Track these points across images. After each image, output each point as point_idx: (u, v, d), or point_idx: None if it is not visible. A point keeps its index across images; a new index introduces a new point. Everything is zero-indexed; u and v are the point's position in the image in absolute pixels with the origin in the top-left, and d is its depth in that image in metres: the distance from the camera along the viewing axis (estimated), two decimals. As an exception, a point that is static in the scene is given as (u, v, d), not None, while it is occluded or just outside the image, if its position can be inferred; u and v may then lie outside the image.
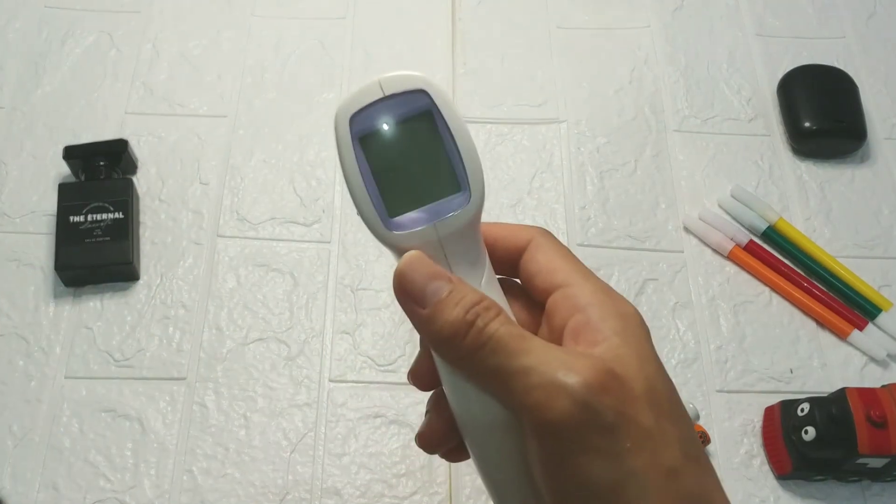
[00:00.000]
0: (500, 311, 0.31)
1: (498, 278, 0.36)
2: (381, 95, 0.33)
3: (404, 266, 0.32)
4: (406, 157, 0.33)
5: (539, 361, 0.30)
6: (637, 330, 0.32)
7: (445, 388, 0.35)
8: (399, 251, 0.33)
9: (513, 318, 0.34)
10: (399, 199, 0.33)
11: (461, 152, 0.33)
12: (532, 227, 0.36)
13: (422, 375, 0.36)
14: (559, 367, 0.29)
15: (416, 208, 0.33)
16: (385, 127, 0.33)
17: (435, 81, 0.33)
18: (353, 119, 0.33)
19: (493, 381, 0.31)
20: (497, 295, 0.34)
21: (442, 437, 0.36)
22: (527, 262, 0.35)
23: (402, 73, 0.33)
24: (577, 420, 0.29)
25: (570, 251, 0.35)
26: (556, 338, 0.33)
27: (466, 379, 0.33)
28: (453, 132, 0.33)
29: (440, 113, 0.33)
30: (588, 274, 0.34)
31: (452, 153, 0.33)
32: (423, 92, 0.33)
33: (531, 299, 0.35)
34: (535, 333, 0.34)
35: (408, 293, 0.32)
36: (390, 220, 0.33)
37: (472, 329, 0.31)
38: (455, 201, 0.33)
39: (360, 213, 0.33)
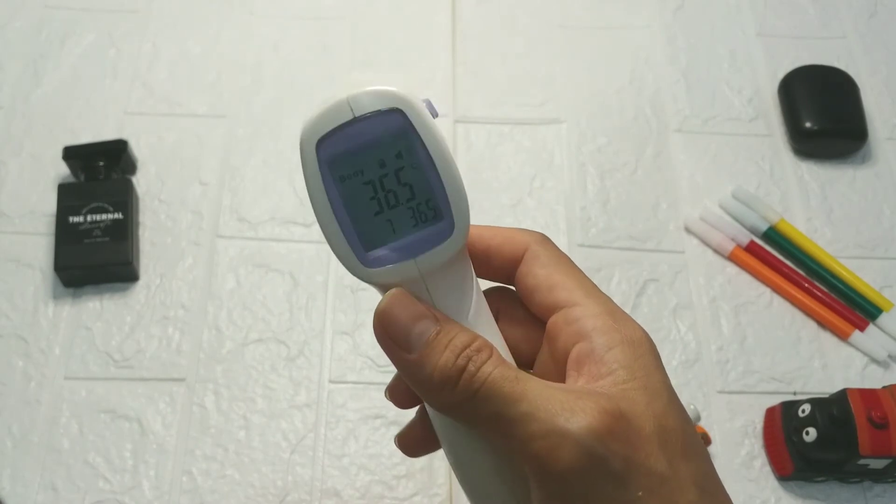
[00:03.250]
0: (492, 352, 0.29)
1: (495, 286, 0.34)
2: (350, 117, 0.29)
3: (386, 306, 0.30)
4: (381, 185, 0.30)
5: (538, 406, 0.28)
6: (645, 358, 0.30)
7: (436, 427, 0.33)
8: (378, 287, 0.31)
9: (507, 353, 0.32)
10: (375, 232, 0.30)
11: (442, 177, 0.30)
12: (527, 232, 0.33)
13: (400, 394, 0.34)
14: (560, 410, 0.27)
15: (394, 241, 0.30)
16: (356, 152, 0.30)
17: (411, 97, 0.30)
18: (321, 144, 0.29)
19: (490, 430, 0.29)
20: (487, 326, 0.32)
21: (422, 442, 0.35)
22: (524, 276, 0.33)
23: (373, 90, 0.29)
24: (584, 469, 0.27)
25: (569, 260, 0.33)
26: (559, 363, 0.31)
27: (460, 425, 0.31)
28: (433, 155, 0.30)
29: (417, 134, 0.30)
30: (591, 289, 0.32)
31: (432, 178, 0.30)
32: (397, 111, 0.29)
33: (530, 312, 0.33)
34: (536, 353, 0.33)
35: (391, 337, 0.30)
36: (366, 254, 0.30)
37: (464, 374, 0.29)
38: (437, 232, 0.30)
39: (332, 247, 0.30)
